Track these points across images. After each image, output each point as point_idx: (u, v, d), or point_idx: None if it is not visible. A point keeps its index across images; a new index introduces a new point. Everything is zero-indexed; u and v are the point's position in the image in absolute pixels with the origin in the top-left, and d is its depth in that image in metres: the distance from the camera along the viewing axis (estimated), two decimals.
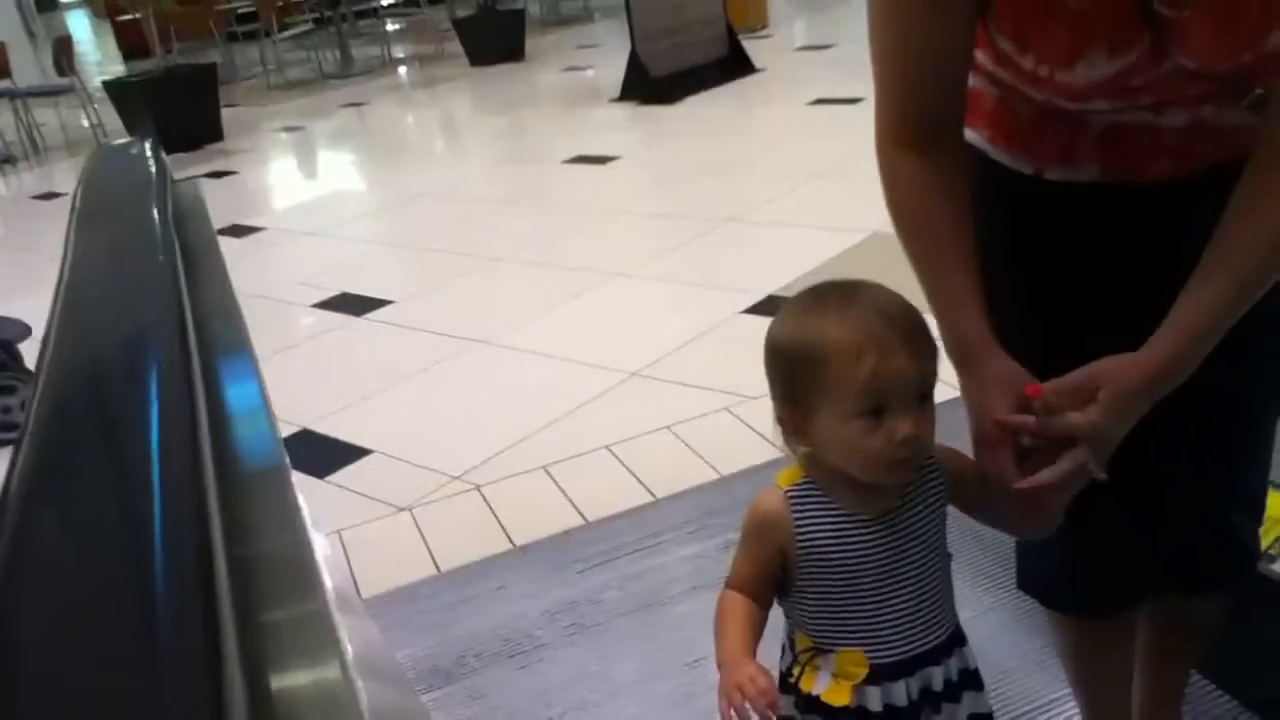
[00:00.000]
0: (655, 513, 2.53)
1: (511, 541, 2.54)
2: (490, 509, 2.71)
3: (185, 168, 6.84)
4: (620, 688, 1.98)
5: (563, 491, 2.73)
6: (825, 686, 1.10)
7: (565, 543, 2.47)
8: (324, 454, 3.10)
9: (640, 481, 2.70)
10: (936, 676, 1.11)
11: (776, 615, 1.13)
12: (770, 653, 1.13)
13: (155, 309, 1.29)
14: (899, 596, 1.09)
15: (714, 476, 2.65)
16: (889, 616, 1.09)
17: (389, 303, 4.26)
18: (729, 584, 1.11)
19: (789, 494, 1.09)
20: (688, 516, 2.46)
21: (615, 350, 3.50)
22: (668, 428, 2.94)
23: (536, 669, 2.07)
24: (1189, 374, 1.07)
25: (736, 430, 2.86)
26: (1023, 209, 1.20)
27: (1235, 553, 1.38)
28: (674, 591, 2.22)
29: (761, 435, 2.79)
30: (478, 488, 2.81)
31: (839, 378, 1.01)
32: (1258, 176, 1.04)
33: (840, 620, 1.10)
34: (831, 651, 1.11)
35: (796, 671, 1.13)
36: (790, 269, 3.74)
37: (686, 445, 2.85)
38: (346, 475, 3.00)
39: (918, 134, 1.12)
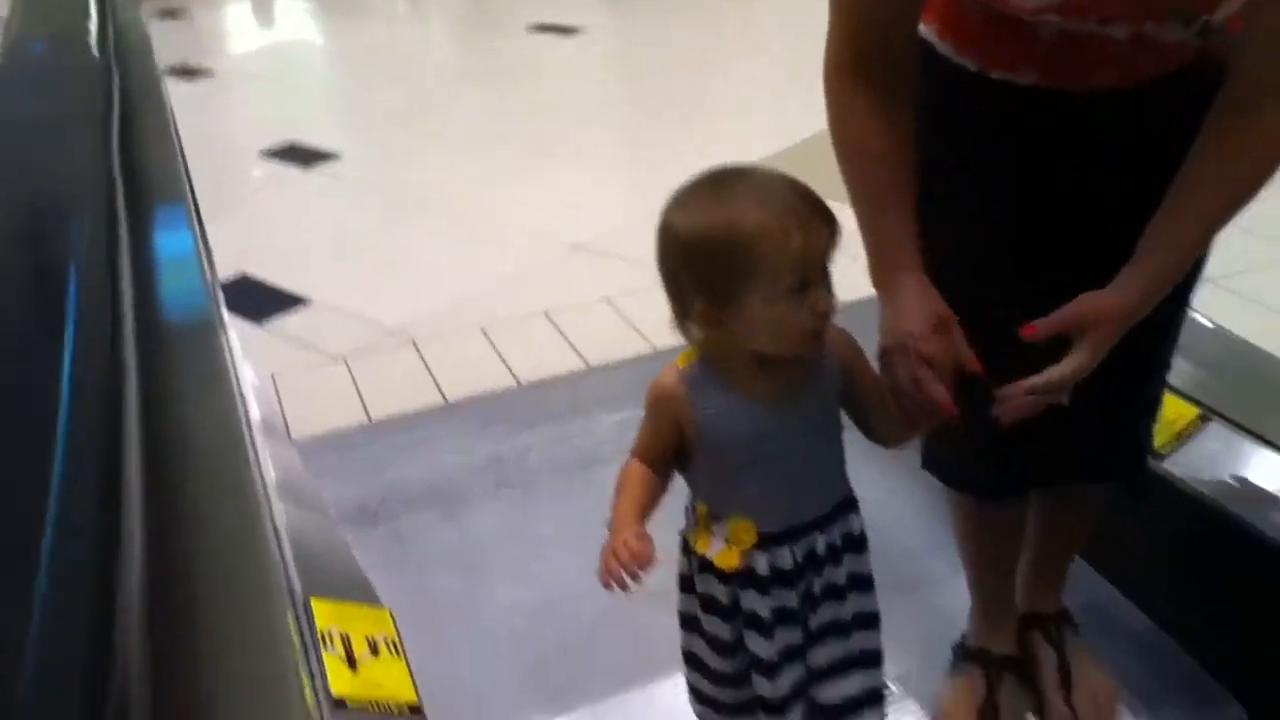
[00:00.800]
0: (588, 380, 2.57)
1: (444, 397, 2.57)
2: (425, 364, 2.73)
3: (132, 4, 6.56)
4: (542, 542, 2.04)
5: (498, 353, 2.75)
6: (717, 550, 1.18)
7: (497, 402, 2.51)
8: (262, 300, 3.09)
9: (575, 350, 2.74)
10: (820, 542, 1.19)
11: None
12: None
13: (85, 143, 1.27)
14: (785, 474, 1.17)
15: (648, 350, 2.69)
16: (775, 491, 1.17)
17: (337, 157, 4.19)
18: (632, 453, 1.18)
19: (686, 374, 1.15)
20: (621, 385, 2.49)
21: (560, 221, 3.49)
22: (607, 299, 2.96)
23: (460, 519, 2.12)
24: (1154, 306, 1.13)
25: None
26: (964, 105, 1.23)
27: (1128, 448, 1.45)
28: (601, 455, 2.27)
29: None
30: (414, 342, 2.83)
31: (768, 259, 1.04)
32: (1227, 116, 1.08)
33: (731, 492, 1.18)
34: (724, 519, 1.19)
35: (692, 536, 1.22)
36: (753, 152, 3.73)
37: (623, 318, 2.87)
38: (284, 322, 2.99)
39: (868, 66, 1.14)
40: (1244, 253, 2.64)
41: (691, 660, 1.30)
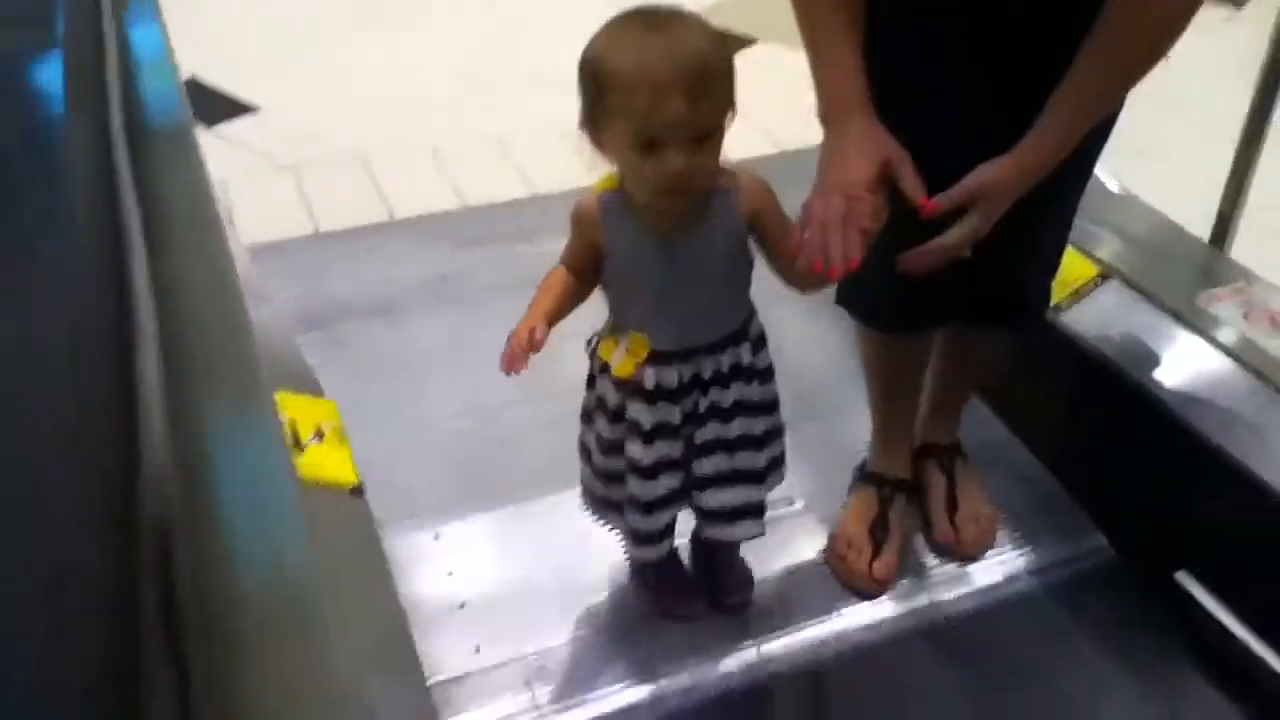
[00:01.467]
0: (535, 206, 2.62)
1: (391, 214, 2.62)
2: (373, 180, 2.76)
3: None
4: (482, 351, 2.12)
5: (448, 175, 2.79)
6: (618, 360, 1.32)
7: (444, 221, 2.56)
8: (211, 105, 3.07)
9: (525, 178, 2.78)
10: (706, 366, 1.33)
11: None
12: None
13: None
14: (680, 301, 1.29)
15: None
16: (670, 314, 1.30)
17: None
18: (560, 260, 1.31)
19: (602, 199, 1.26)
20: (567, 212, 2.56)
21: (524, 51, 3.47)
22: (561, 133, 2.98)
23: (403, 328, 2.20)
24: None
25: None
26: None
27: (1021, 300, 1.57)
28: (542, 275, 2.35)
29: None
30: (363, 157, 2.84)
31: (617, 108, 1.13)
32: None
33: (630, 309, 1.32)
34: (626, 331, 1.32)
35: (601, 343, 1.36)
36: None
37: (576, 149, 2.91)
38: (233, 128, 2.99)
39: None
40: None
41: (584, 452, 1.47)
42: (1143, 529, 1.67)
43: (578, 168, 2.75)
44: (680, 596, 1.59)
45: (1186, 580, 1.58)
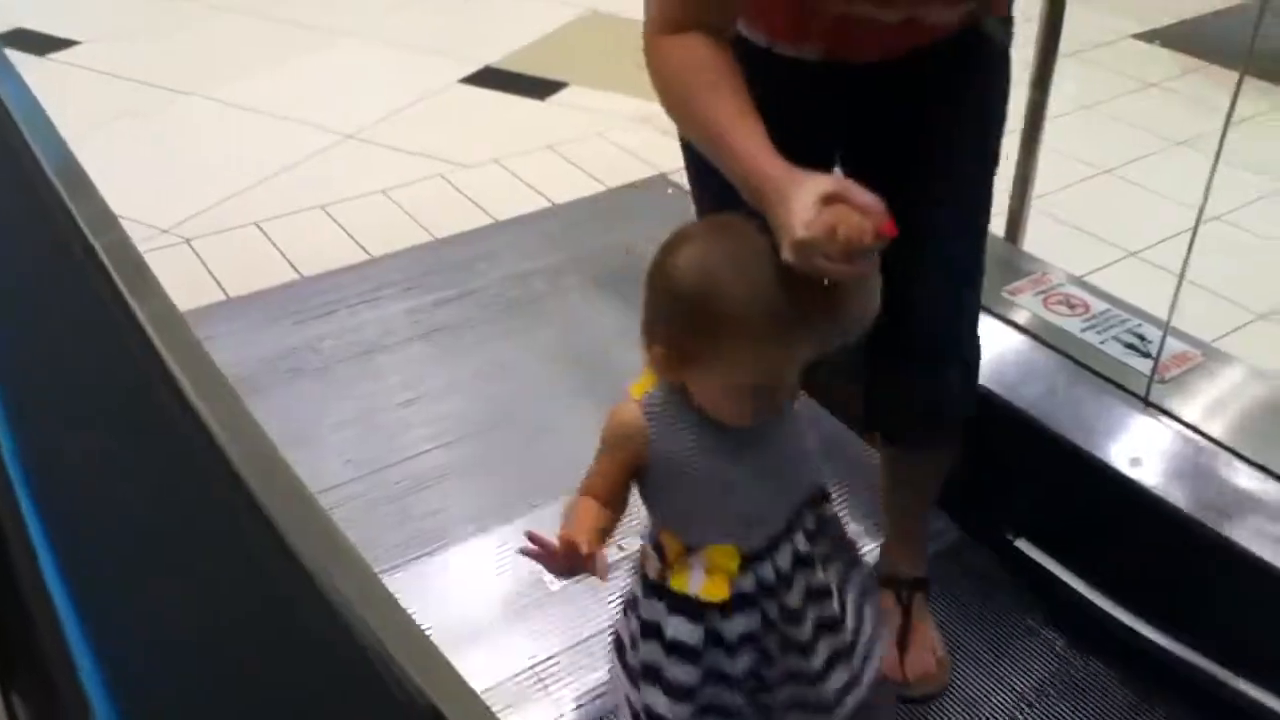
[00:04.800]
0: (373, 269, 2.64)
1: (225, 293, 2.58)
2: (202, 262, 2.72)
3: None
4: (340, 423, 2.14)
5: (276, 247, 2.77)
6: (700, 584, 1.14)
7: (281, 296, 2.55)
8: None
9: (356, 241, 2.79)
10: (799, 538, 1.18)
11: None
12: None
13: None
14: (762, 490, 1.14)
15: (428, 239, 2.78)
16: (755, 510, 1.14)
17: (75, 43, 3.94)
18: (582, 491, 1.11)
19: (647, 406, 1.10)
20: (404, 274, 2.59)
21: (331, 111, 3.47)
22: (383, 191, 3.02)
23: (252, 405, 2.18)
24: None
25: (449, 195, 2.99)
26: (755, 78, 1.19)
27: (938, 401, 1.50)
28: (391, 341, 2.38)
29: (474, 202, 2.94)
30: (187, 241, 2.80)
31: (734, 352, 1.02)
32: None
33: (700, 518, 1.14)
34: (700, 549, 1.14)
35: (671, 576, 1.16)
36: (511, 41, 3.82)
37: (401, 208, 2.94)
38: None
39: (691, 24, 1.15)
40: None
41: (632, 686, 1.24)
42: (981, 503, 1.84)
43: (406, 226, 2.78)
44: None
45: (1026, 547, 1.75)
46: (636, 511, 1.19)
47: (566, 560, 1.01)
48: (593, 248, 2.66)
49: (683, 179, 1.53)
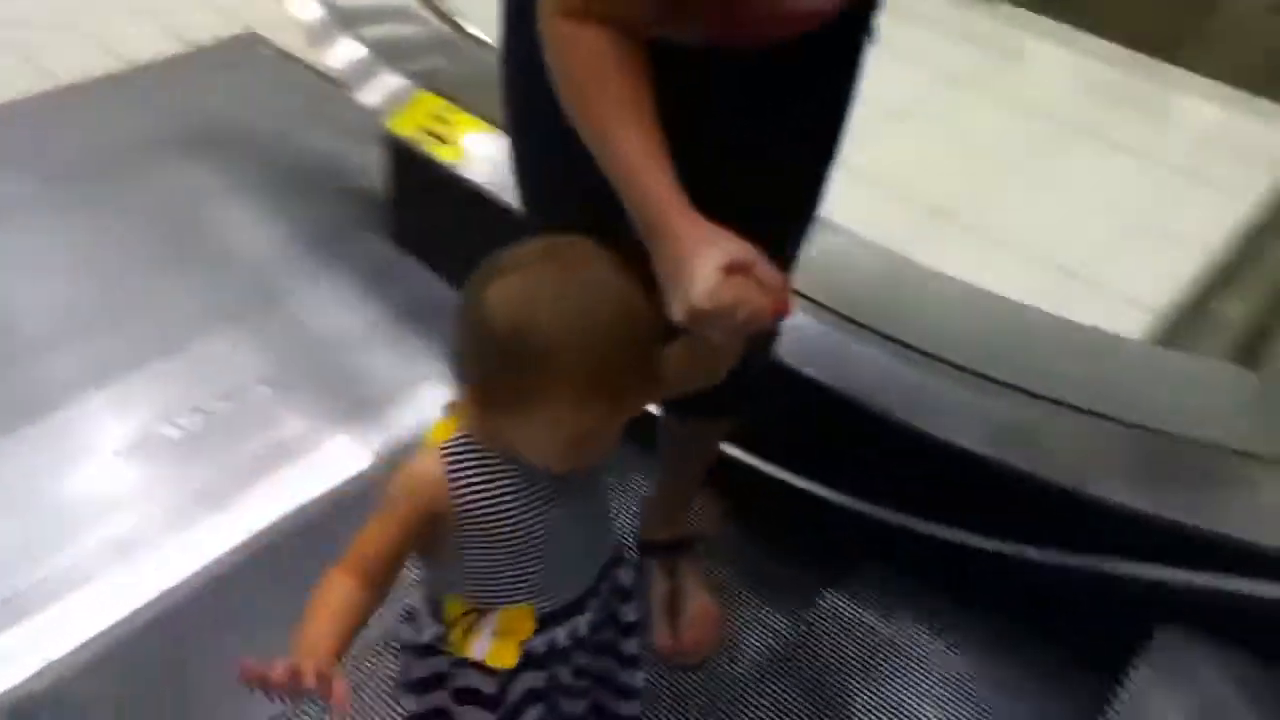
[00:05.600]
0: None
1: None
2: None
3: None
4: None
5: None
6: (486, 649, 1.02)
7: None
8: None
9: None
10: (588, 616, 1.08)
11: None
12: None
13: None
14: (576, 543, 1.04)
15: None
16: (558, 568, 1.03)
17: None
18: (345, 566, 0.93)
19: (447, 456, 0.96)
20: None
21: None
22: None
23: None
24: None
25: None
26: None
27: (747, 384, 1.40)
28: None
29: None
30: None
31: (555, 401, 0.88)
32: None
33: (508, 579, 1.01)
34: (493, 610, 1.02)
35: (454, 638, 1.04)
36: None
37: None
38: None
39: (597, 16, 0.98)
40: None
41: None
42: None
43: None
44: None
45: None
46: None
47: (292, 685, 0.82)
48: (178, 113, 2.56)
49: (283, 40, 1.32)
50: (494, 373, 0.89)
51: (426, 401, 1.90)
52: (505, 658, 1.01)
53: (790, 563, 1.67)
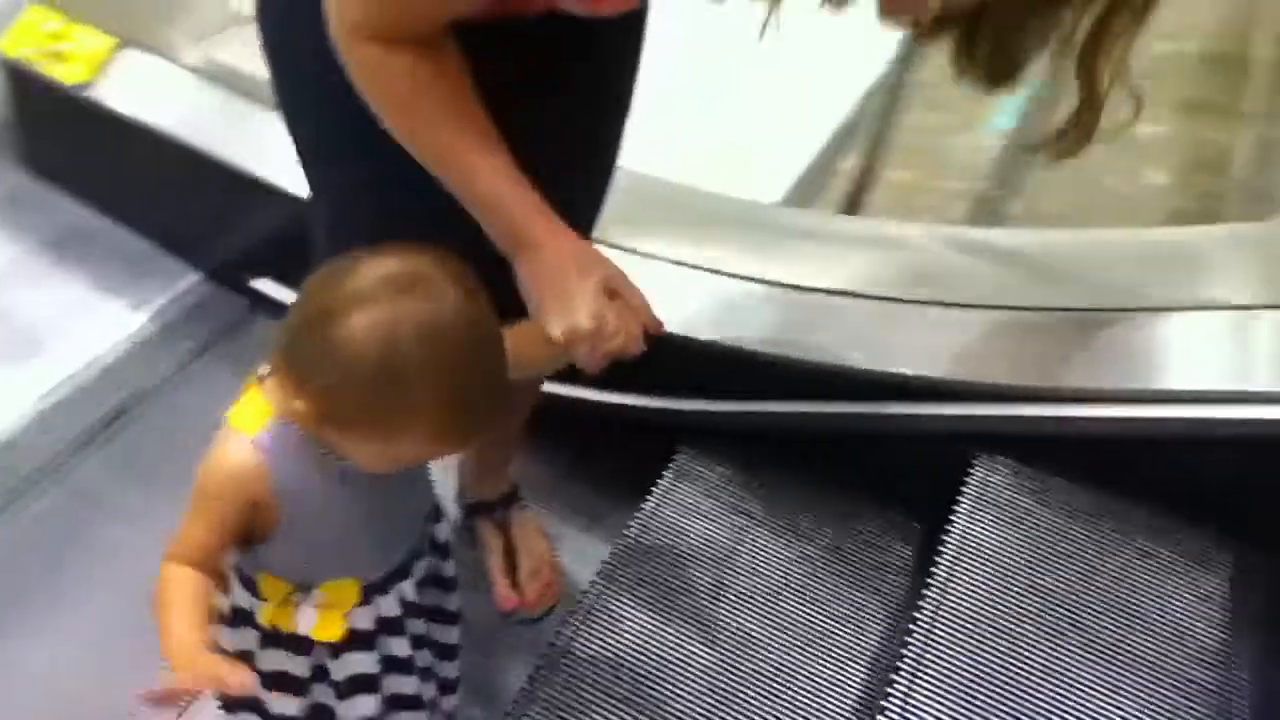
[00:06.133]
0: None
1: None
2: None
3: None
4: None
5: None
6: (311, 624, 1.02)
7: None
8: None
9: None
10: (419, 567, 1.09)
11: None
12: None
13: None
14: (391, 519, 1.04)
15: None
16: (382, 539, 1.05)
17: None
18: (173, 557, 0.92)
19: (263, 445, 0.93)
20: None
21: None
22: None
23: None
24: None
25: None
26: (483, 50, 1.01)
27: None
28: None
29: None
30: None
31: (406, 434, 0.89)
32: None
33: (328, 557, 1.02)
34: (313, 587, 1.02)
35: (267, 614, 1.03)
36: None
37: None
38: None
39: (405, 36, 0.93)
40: None
41: None
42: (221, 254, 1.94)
43: None
44: None
45: (263, 285, 1.87)
46: None
47: (191, 692, 0.83)
48: None
49: None
50: (347, 397, 0.87)
51: (81, 336, 1.86)
52: (331, 630, 1.02)
53: (615, 494, 1.63)
